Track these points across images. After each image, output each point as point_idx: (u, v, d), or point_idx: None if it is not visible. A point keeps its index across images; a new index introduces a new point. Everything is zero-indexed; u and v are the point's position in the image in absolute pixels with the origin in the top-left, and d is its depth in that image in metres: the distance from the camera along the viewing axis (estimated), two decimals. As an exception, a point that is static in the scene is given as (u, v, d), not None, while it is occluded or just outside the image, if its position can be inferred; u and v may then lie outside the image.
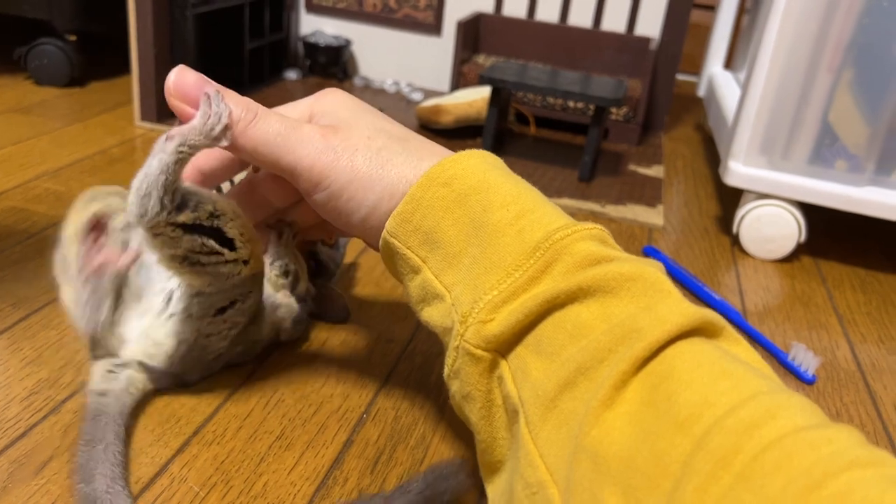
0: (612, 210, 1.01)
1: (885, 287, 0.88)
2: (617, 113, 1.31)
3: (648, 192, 1.09)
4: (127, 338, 0.52)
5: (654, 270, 0.38)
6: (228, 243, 0.48)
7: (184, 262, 0.47)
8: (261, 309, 0.55)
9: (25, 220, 0.78)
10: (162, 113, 1.10)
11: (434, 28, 1.43)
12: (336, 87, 0.49)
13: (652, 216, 1.00)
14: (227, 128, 0.44)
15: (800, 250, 0.96)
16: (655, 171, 1.20)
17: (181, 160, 0.43)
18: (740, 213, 0.93)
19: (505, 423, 0.40)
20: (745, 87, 0.90)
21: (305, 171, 0.45)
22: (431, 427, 0.55)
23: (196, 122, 0.44)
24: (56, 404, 0.52)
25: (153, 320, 0.52)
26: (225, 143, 0.44)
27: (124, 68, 1.31)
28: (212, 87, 0.45)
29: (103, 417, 0.49)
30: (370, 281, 0.74)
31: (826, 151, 0.88)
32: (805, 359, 0.68)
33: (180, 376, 0.54)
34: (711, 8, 1.83)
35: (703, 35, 1.64)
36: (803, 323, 0.78)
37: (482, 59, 1.39)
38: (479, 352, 0.39)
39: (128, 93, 1.23)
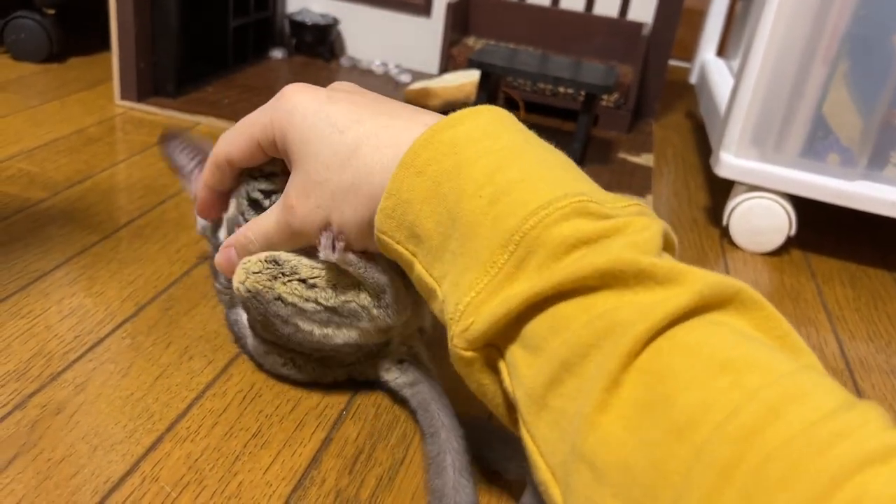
0: (601, 199, 0.99)
1: (874, 282, 0.88)
2: (607, 99, 1.29)
3: (638, 182, 1.08)
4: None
5: (634, 256, 0.34)
6: None
7: None
8: None
9: (-3, 202, 0.75)
10: (143, 92, 1.07)
11: (423, 8, 1.41)
12: (291, 91, 0.47)
13: (641, 206, 0.99)
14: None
15: (789, 244, 0.95)
16: (645, 159, 1.18)
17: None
18: (730, 204, 0.92)
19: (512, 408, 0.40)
20: (738, 77, 0.88)
21: (303, 242, 0.48)
22: (413, 425, 0.53)
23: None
24: (23, 398, 0.50)
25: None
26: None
27: (105, 44, 1.28)
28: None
29: (432, 405, 0.51)
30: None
31: (819, 144, 0.87)
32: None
33: None
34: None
35: (697, 20, 1.62)
36: (792, 319, 0.77)
37: (472, 42, 1.37)
38: (468, 354, 0.39)
39: (108, 70, 1.20)
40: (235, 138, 0.50)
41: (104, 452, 0.47)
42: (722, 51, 1.42)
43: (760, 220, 0.90)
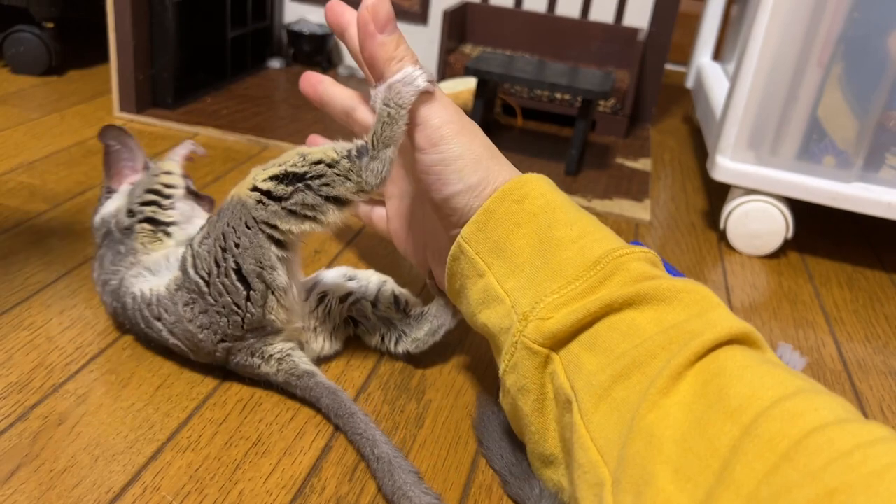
0: (599, 204, 1.00)
1: (871, 284, 0.88)
2: (604, 105, 1.29)
3: (635, 186, 1.08)
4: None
5: (704, 287, 0.42)
6: None
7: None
8: None
9: (-2, 215, 0.76)
10: (142, 104, 1.08)
11: (420, 17, 1.41)
12: None
13: (638, 211, 0.99)
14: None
15: (787, 246, 0.95)
16: (643, 164, 1.18)
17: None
18: (727, 208, 0.92)
19: (555, 415, 0.44)
20: (733, 81, 0.89)
21: (433, 128, 0.48)
22: (412, 432, 0.54)
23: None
24: (25, 410, 0.51)
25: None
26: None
27: (104, 56, 1.29)
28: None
29: (339, 392, 0.53)
30: (352, 278, 0.73)
31: (814, 147, 0.87)
32: (791, 359, 0.67)
33: None
34: (700, -3, 1.81)
35: (693, 24, 1.63)
36: (790, 321, 0.77)
37: (469, 49, 1.37)
38: (536, 346, 0.43)
39: (107, 82, 1.21)
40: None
41: (105, 463, 0.47)
42: (718, 55, 1.42)
43: (757, 224, 0.90)
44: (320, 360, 0.60)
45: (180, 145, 0.65)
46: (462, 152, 0.48)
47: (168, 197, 0.61)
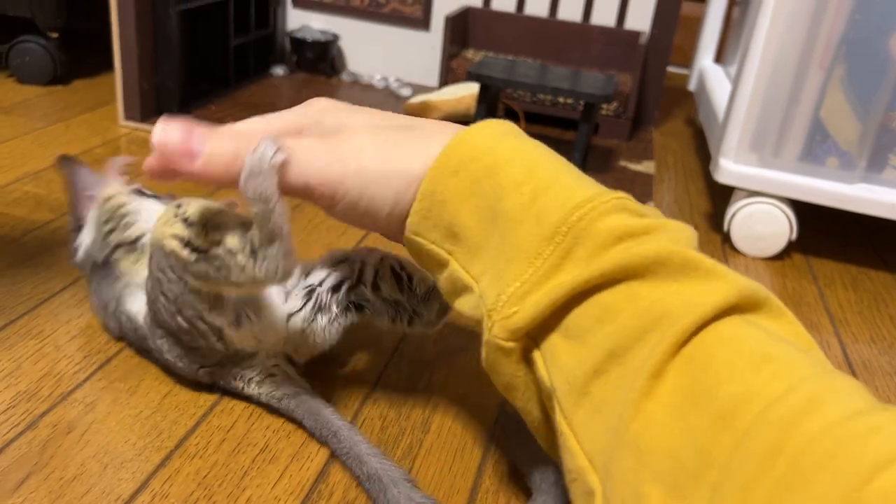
0: (603, 208, 1.00)
1: (876, 285, 0.88)
2: (607, 108, 1.30)
3: (639, 189, 1.08)
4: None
5: (680, 249, 0.36)
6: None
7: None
8: None
9: (4, 224, 0.76)
10: (147, 112, 1.08)
11: (422, 22, 1.42)
12: (320, 96, 0.49)
13: (642, 214, 0.99)
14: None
15: (791, 248, 0.95)
16: (646, 166, 1.19)
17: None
18: (731, 210, 0.92)
19: (545, 406, 0.41)
20: (735, 84, 0.89)
21: (318, 188, 0.43)
22: (418, 437, 0.54)
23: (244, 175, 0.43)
24: (34, 418, 0.51)
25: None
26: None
27: (108, 66, 1.29)
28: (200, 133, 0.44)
29: (322, 411, 0.52)
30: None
31: (817, 148, 0.87)
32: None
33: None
34: (702, 0, 1.82)
35: (695, 27, 1.63)
36: (795, 323, 0.77)
37: (471, 54, 1.38)
38: (507, 344, 0.39)
39: (112, 91, 1.21)
40: (271, 121, 0.47)
41: (114, 470, 0.48)
42: (720, 57, 1.42)
43: (761, 225, 0.91)
44: (325, 354, 0.59)
45: (109, 167, 0.62)
46: (363, 186, 0.43)
47: (123, 216, 0.58)
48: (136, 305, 0.55)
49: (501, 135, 0.43)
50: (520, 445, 0.51)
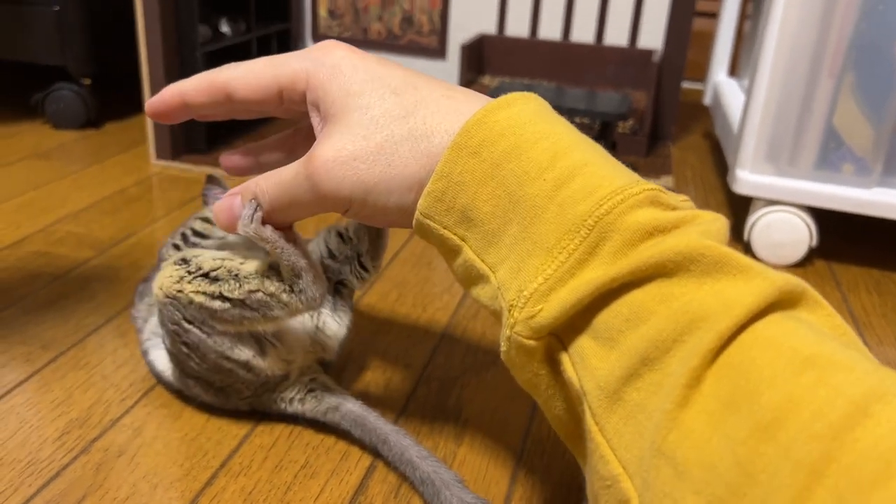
0: (623, 223, 1.01)
1: (899, 287, 0.89)
2: (623, 126, 1.32)
3: (658, 204, 1.10)
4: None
5: (712, 244, 0.34)
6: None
7: None
8: None
9: (49, 263, 0.80)
10: (177, 150, 1.12)
11: (438, 52, 1.45)
12: (334, 45, 0.44)
13: (663, 227, 1.01)
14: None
15: (812, 254, 0.96)
16: (665, 181, 1.20)
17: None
18: (750, 220, 0.94)
19: (572, 404, 0.39)
20: (748, 96, 0.91)
21: (322, 208, 0.43)
22: (451, 451, 0.56)
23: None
24: (87, 444, 0.54)
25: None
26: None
27: (138, 107, 1.34)
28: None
29: (368, 419, 0.54)
30: (385, 306, 0.75)
31: (832, 155, 0.89)
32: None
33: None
34: (713, 15, 1.84)
35: (708, 42, 1.65)
36: (818, 327, 0.78)
37: (487, 80, 1.41)
38: (530, 342, 0.37)
39: (143, 132, 1.26)
40: (250, 72, 0.45)
41: (164, 490, 0.50)
42: (734, 71, 1.44)
43: (781, 234, 0.92)
44: (343, 346, 0.59)
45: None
46: (364, 190, 0.41)
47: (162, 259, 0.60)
48: (161, 362, 0.58)
49: (529, 112, 0.39)
50: None
